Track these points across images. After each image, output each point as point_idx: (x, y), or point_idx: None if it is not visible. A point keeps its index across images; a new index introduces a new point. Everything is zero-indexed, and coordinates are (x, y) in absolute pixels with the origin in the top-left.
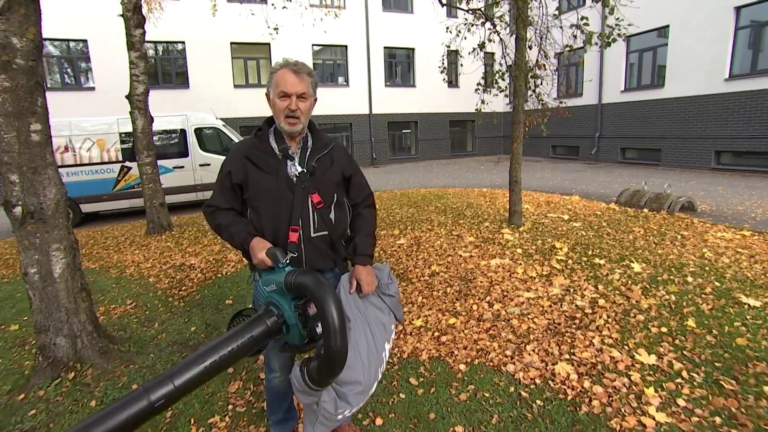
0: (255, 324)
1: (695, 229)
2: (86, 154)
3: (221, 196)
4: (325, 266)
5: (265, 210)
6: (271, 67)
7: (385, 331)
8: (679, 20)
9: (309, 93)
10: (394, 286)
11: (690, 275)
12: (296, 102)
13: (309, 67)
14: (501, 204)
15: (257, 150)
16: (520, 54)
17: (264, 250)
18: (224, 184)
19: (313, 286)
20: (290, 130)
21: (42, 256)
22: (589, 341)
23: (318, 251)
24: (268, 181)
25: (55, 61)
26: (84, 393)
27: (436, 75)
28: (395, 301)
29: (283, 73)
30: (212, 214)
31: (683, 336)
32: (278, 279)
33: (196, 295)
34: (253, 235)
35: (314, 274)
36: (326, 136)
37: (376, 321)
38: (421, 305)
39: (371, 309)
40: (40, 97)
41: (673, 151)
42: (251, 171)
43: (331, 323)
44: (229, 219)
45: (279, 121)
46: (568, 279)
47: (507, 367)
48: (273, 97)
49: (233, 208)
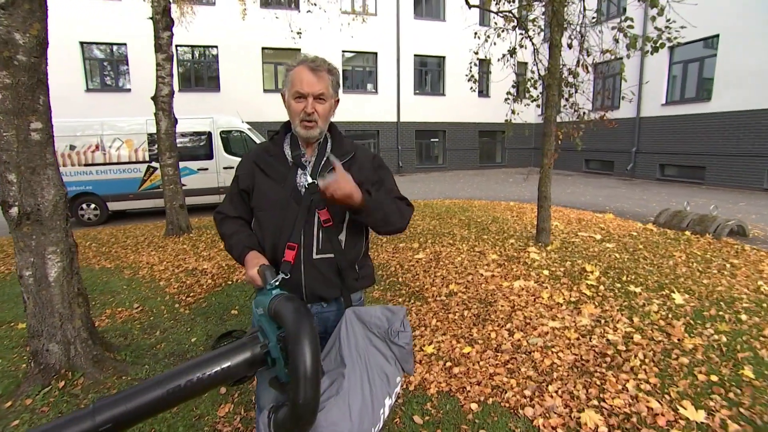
0: (237, 351)
1: (747, 257)
2: (115, 154)
3: (230, 202)
4: (328, 295)
5: (266, 222)
6: (287, 65)
7: (388, 384)
8: (729, 30)
9: (329, 94)
10: (406, 336)
11: (744, 312)
12: (313, 104)
13: (329, 64)
14: (528, 220)
15: (268, 155)
16: (553, 61)
17: (256, 267)
18: (233, 189)
19: (289, 318)
20: (306, 135)
21: (37, 259)
22: (621, 385)
23: (320, 276)
24: (274, 190)
25: (97, 64)
26: (70, 405)
27: (467, 84)
28: (405, 352)
29: (299, 71)
30: (221, 222)
31: (738, 389)
32: (265, 302)
33: (203, 302)
34: (250, 249)
35: (298, 304)
36: (350, 142)
37: (378, 370)
38: (435, 329)
39: (375, 355)
40: (42, 95)
41: (719, 169)
42: (259, 177)
43: (300, 369)
44: (232, 228)
45: (294, 124)
46: (599, 308)
47: (525, 410)
48: (288, 98)
49: (241, 216)
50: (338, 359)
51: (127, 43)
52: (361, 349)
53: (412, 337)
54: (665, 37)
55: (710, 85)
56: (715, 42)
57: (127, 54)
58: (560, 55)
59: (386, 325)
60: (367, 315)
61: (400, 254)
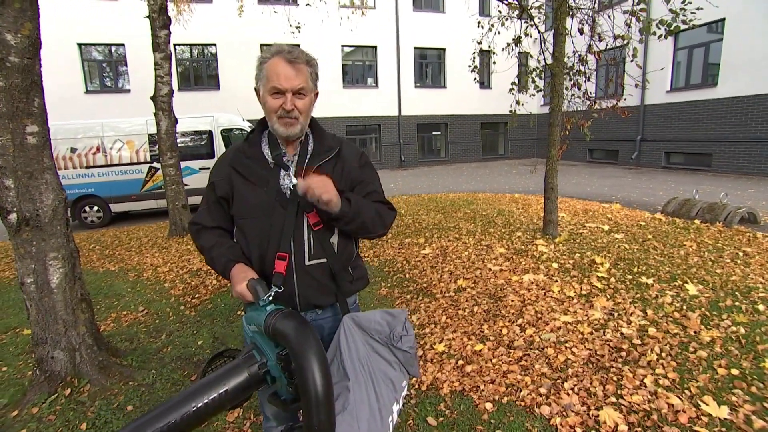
0: (232, 373)
1: (760, 245)
2: (116, 155)
3: (206, 212)
4: (323, 302)
5: (251, 231)
6: (259, 56)
7: (394, 390)
8: (736, 13)
9: (308, 87)
10: (409, 340)
11: (761, 302)
12: (292, 100)
13: (308, 54)
14: (534, 212)
15: (245, 157)
16: (559, 49)
17: (245, 281)
18: (209, 198)
19: (293, 338)
20: (286, 133)
21: (38, 265)
22: (639, 381)
23: (314, 283)
24: (257, 196)
25: (96, 65)
26: (77, 413)
27: (468, 76)
28: (409, 356)
29: (275, 64)
30: (197, 233)
31: (761, 382)
32: (259, 320)
33: (208, 304)
34: (235, 262)
35: (299, 320)
36: (333, 137)
37: (383, 377)
38: (445, 326)
39: (378, 362)
40: (37, 97)
41: (726, 155)
42: (238, 182)
43: (312, 393)
44: (212, 240)
45: (272, 122)
46: (611, 301)
47: (541, 408)
48: (263, 94)
49: (220, 226)
50: (341, 371)
51: (125, 44)
52: (363, 357)
53: (422, 335)
54: (680, 19)
55: (716, 71)
56: (721, 26)
57: (125, 54)
58: (564, 43)
59: (387, 329)
60: (366, 321)
61: (406, 250)
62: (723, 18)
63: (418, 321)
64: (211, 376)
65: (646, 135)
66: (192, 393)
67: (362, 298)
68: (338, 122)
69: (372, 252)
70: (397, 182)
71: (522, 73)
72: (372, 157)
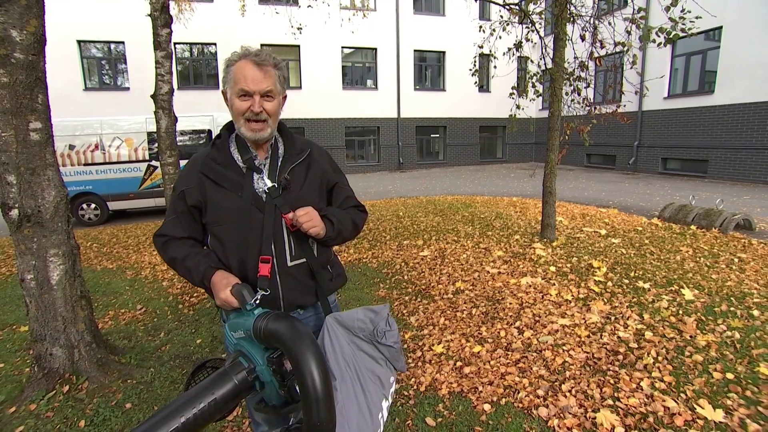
0: (219, 382)
1: (755, 251)
2: (115, 153)
3: (175, 223)
4: (305, 301)
5: (228, 237)
6: (226, 59)
7: (382, 386)
8: (733, 21)
9: (276, 90)
10: (393, 335)
11: (755, 307)
12: (260, 102)
13: (275, 58)
14: (532, 215)
15: (215, 163)
16: (559, 54)
17: (228, 287)
18: (177, 207)
19: (288, 338)
20: (255, 137)
21: (39, 262)
22: (636, 384)
23: (297, 284)
24: (231, 201)
25: (95, 62)
26: (75, 410)
27: (467, 79)
28: (394, 351)
29: (242, 67)
30: (164, 245)
31: (755, 386)
32: (247, 324)
33: (207, 302)
34: (215, 269)
35: (291, 321)
36: (302, 139)
37: (370, 375)
38: (443, 328)
39: (364, 359)
40: (41, 93)
41: (722, 162)
42: (210, 189)
43: (311, 391)
44: (184, 251)
45: (239, 125)
46: (608, 305)
47: (539, 410)
48: (231, 96)
49: (191, 236)
50: None
51: (125, 41)
52: (348, 356)
53: (421, 336)
54: (679, 27)
55: (713, 78)
56: (718, 34)
57: (125, 52)
58: (565, 48)
59: (371, 326)
60: (349, 319)
61: (404, 251)
62: (720, 26)
63: (416, 322)
64: (197, 387)
65: (644, 141)
66: (180, 405)
67: (361, 299)
68: (337, 123)
69: (371, 253)
70: (396, 184)
71: (522, 78)
72: (370, 158)
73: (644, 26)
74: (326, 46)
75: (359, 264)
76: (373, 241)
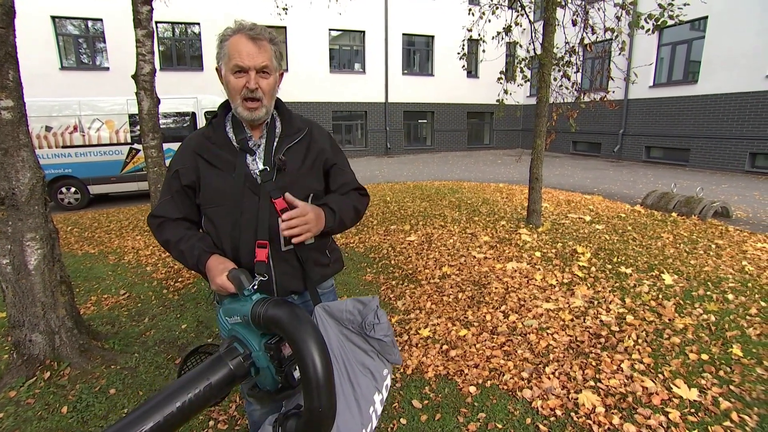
0: (213, 367)
1: (731, 237)
2: (95, 135)
3: (169, 203)
4: (300, 287)
5: (221, 220)
6: (219, 34)
7: (374, 380)
8: (718, 12)
9: (272, 66)
10: (383, 327)
11: (730, 292)
12: (256, 79)
13: (271, 32)
14: (518, 201)
15: (210, 142)
16: (548, 40)
17: (225, 272)
18: (172, 187)
19: (289, 324)
20: (250, 117)
21: (15, 246)
22: (617, 365)
23: (290, 269)
24: (225, 182)
25: (72, 40)
26: (57, 396)
27: (456, 64)
28: (385, 344)
29: (236, 41)
30: (159, 227)
31: (728, 366)
32: (243, 310)
33: (192, 287)
34: (210, 253)
35: (291, 307)
36: (301, 119)
37: (360, 368)
38: (430, 312)
39: (354, 352)
40: (11, 70)
41: (703, 151)
42: (204, 169)
43: (312, 376)
44: (179, 233)
45: (235, 104)
46: (592, 289)
47: (523, 392)
48: (225, 73)
49: (186, 217)
50: None
51: (103, 18)
52: (337, 348)
53: (408, 320)
54: (667, 14)
55: (697, 68)
56: (704, 24)
57: (103, 30)
58: (554, 33)
59: (359, 318)
60: (338, 311)
61: (391, 236)
62: (706, 16)
63: (403, 306)
64: (192, 372)
65: (629, 129)
66: (174, 390)
67: (348, 283)
68: (324, 107)
69: (357, 238)
70: (383, 169)
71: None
72: (358, 143)
73: (634, 12)
74: (313, 28)
75: (346, 249)
76: (360, 225)
